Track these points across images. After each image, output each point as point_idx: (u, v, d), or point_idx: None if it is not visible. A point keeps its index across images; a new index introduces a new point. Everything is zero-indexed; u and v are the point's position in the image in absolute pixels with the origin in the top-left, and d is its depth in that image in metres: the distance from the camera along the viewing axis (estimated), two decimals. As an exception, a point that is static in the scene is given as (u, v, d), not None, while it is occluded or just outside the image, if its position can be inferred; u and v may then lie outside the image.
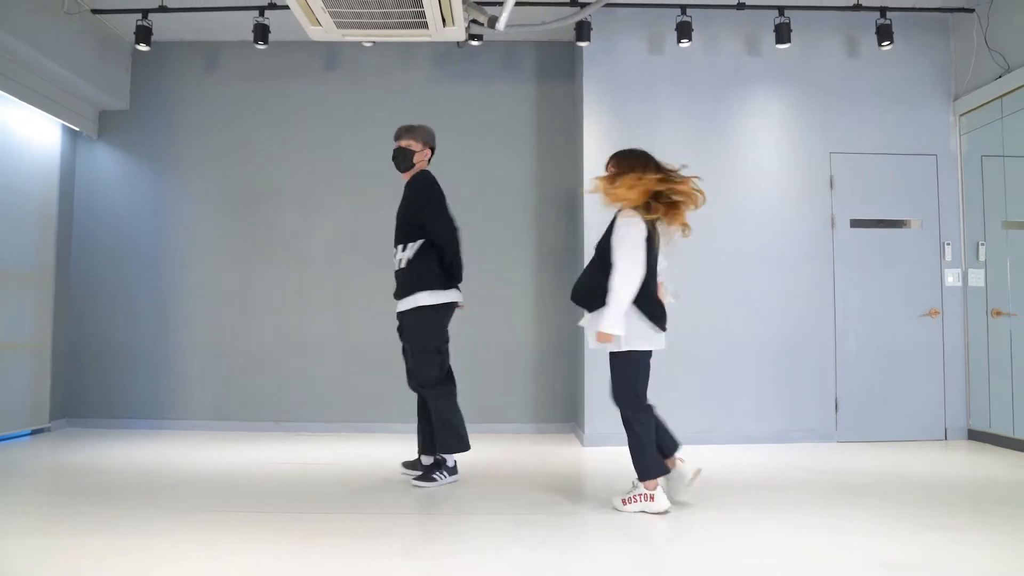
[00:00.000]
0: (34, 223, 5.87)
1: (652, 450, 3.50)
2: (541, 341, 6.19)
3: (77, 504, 3.63)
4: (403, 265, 4.08)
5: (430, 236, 4.01)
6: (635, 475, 3.55)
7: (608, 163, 3.67)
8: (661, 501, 3.45)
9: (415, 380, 4.14)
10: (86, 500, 3.70)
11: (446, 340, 4.16)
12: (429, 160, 4.26)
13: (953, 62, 5.89)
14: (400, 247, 4.12)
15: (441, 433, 4.06)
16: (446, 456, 4.14)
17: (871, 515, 3.43)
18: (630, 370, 3.53)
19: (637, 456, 3.51)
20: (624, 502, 3.51)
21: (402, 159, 4.19)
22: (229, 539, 3.03)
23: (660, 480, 3.51)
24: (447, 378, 4.15)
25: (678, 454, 3.70)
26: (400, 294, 4.12)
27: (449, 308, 4.12)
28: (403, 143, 4.19)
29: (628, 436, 3.53)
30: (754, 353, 5.64)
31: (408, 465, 4.34)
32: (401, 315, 4.13)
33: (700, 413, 5.56)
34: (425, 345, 4.06)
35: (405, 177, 4.24)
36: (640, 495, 3.48)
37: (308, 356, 6.22)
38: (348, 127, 6.38)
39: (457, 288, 4.14)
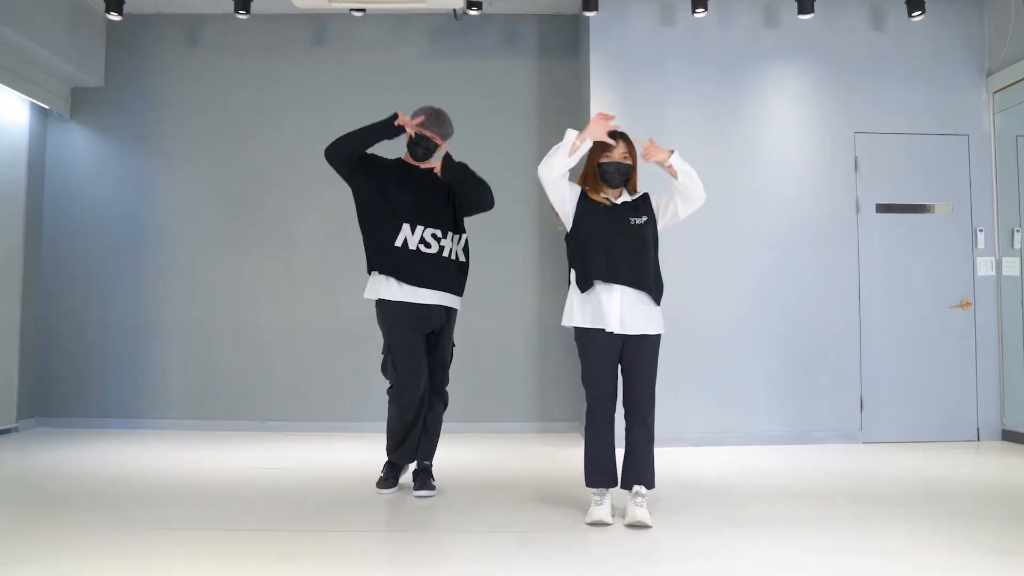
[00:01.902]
0: (0, 208, 5.46)
1: None
2: (544, 334, 5.81)
3: (36, 519, 3.25)
4: (457, 258, 3.68)
5: (490, 195, 3.75)
6: (648, 482, 3.19)
7: (629, 145, 3.28)
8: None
9: (444, 390, 3.77)
10: (46, 514, 3.31)
11: None
12: None
13: (987, 35, 5.48)
14: (451, 235, 3.66)
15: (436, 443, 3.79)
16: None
17: (912, 532, 3.04)
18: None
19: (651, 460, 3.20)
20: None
21: (423, 151, 3.71)
22: (199, 560, 2.65)
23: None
24: None
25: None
26: (455, 288, 3.68)
27: None
28: (430, 135, 3.69)
29: (649, 438, 3.18)
30: (773, 347, 5.26)
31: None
32: (446, 310, 3.67)
33: (715, 412, 5.19)
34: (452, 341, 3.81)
35: (419, 164, 3.76)
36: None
37: (296, 350, 5.83)
38: (337, 105, 5.97)
39: None
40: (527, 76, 6.04)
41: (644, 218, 3.23)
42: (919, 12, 5.15)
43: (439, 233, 3.60)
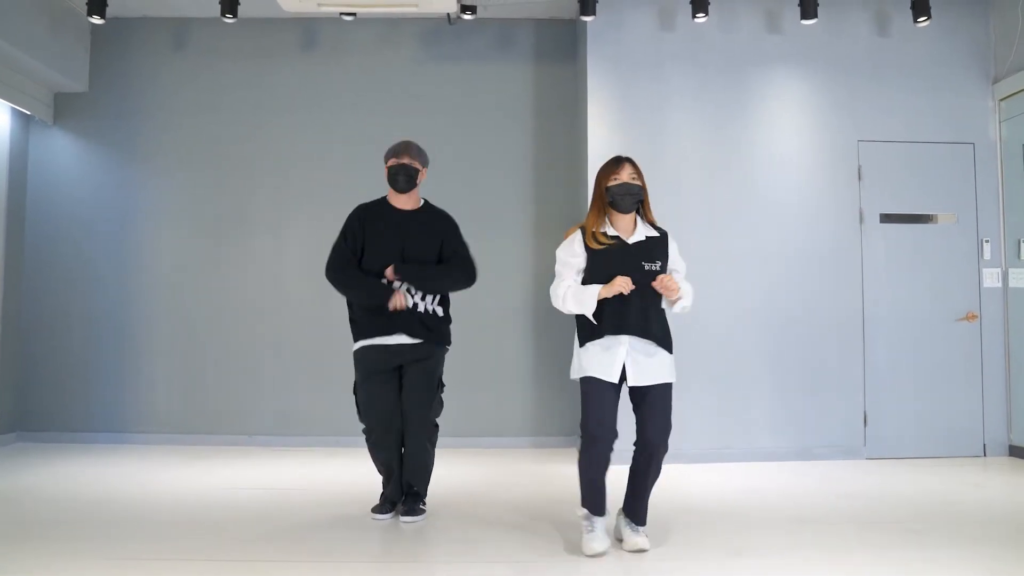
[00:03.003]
0: (-20, 217, 5.31)
1: None
2: (539, 348, 5.67)
3: (12, 545, 3.08)
4: (429, 311, 3.56)
5: (465, 277, 3.64)
6: (642, 521, 3.08)
7: (636, 168, 3.12)
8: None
9: (425, 420, 3.57)
10: (24, 539, 3.15)
11: None
12: None
13: (993, 42, 5.37)
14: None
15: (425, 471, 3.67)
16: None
17: (928, 557, 2.92)
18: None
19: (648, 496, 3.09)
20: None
21: (407, 181, 3.56)
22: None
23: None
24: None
25: None
26: (425, 336, 3.54)
27: None
28: (414, 163, 3.57)
29: (656, 472, 3.05)
30: (775, 361, 5.12)
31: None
32: (412, 347, 3.54)
33: (715, 428, 5.05)
34: (439, 383, 3.66)
35: (403, 201, 3.63)
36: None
37: (285, 364, 5.67)
38: (328, 111, 5.82)
39: None
40: (523, 81, 5.90)
41: (658, 263, 3.03)
42: (925, 18, 5.03)
43: (412, 288, 3.53)
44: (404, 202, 3.62)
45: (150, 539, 3.24)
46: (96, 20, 5.04)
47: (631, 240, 3.04)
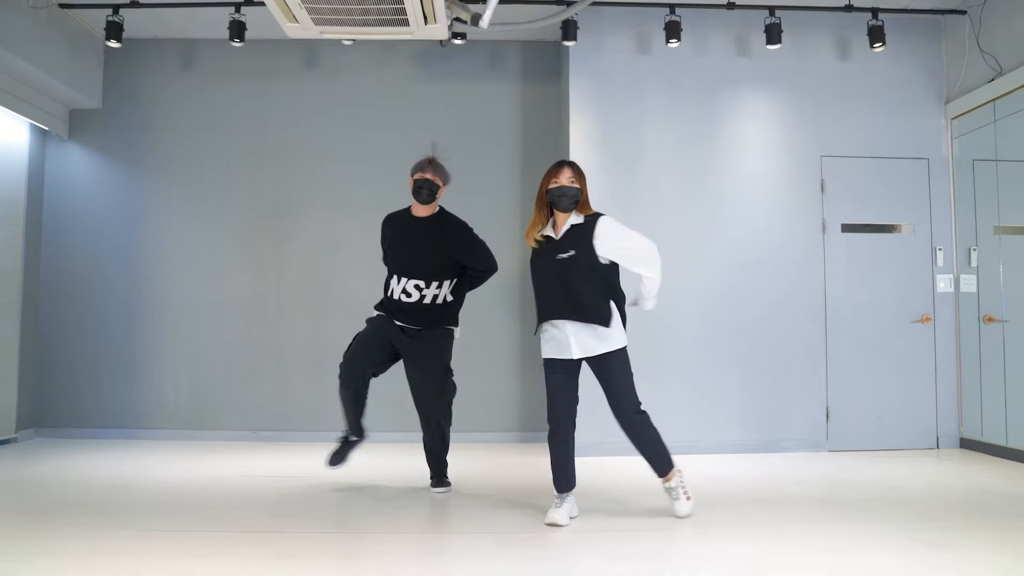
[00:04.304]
0: (1, 226, 5.65)
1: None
2: (524, 346, 6.05)
3: (39, 524, 3.44)
4: (439, 301, 4.07)
5: (483, 274, 4.19)
6: (661, 472, 3.53)
7: (575, 171, 3.54)
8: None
9: (435, 403, 4.10)
10: (48, 519, 3.51)
11: None
12: None
13: (945, 65, 5.80)
14: (434, 283, 4.05)
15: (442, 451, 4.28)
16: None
17: (866, 530, 3.31)
18: (630, 365, 3.47)
19: (659, 449, 3.51)
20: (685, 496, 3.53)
21: (427, 194, 4.05)
22: (200, 560, 2.87)
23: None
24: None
25: None
26: (429, 325, 4.08)
27: None
28: (435, 178, 4.09)
29: (643, 434, 3.46)
30: (743, 361, 5.52)
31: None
32: (425, 339, 4.07)
33: (687, 422, 5.43)
34: (447, 368, 4.18)
35: (422, 210, 4.11)
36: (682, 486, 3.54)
37: (285, 363, 6.05)
38: (327, 127, 6.21)
39: None
40: (511, 98, 6.29)
41: (570, 252, 3.43)
42: (880, 44, 5.45)
43: (422, 284, 4.03)
44: (423, 211, 4.12)
45: (169, 515, 3.59)
46: (113, 44, 5.41)
47: (559, 236, 3.49)
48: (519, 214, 6.16)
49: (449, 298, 4.10)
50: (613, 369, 3.42)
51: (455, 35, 5.60)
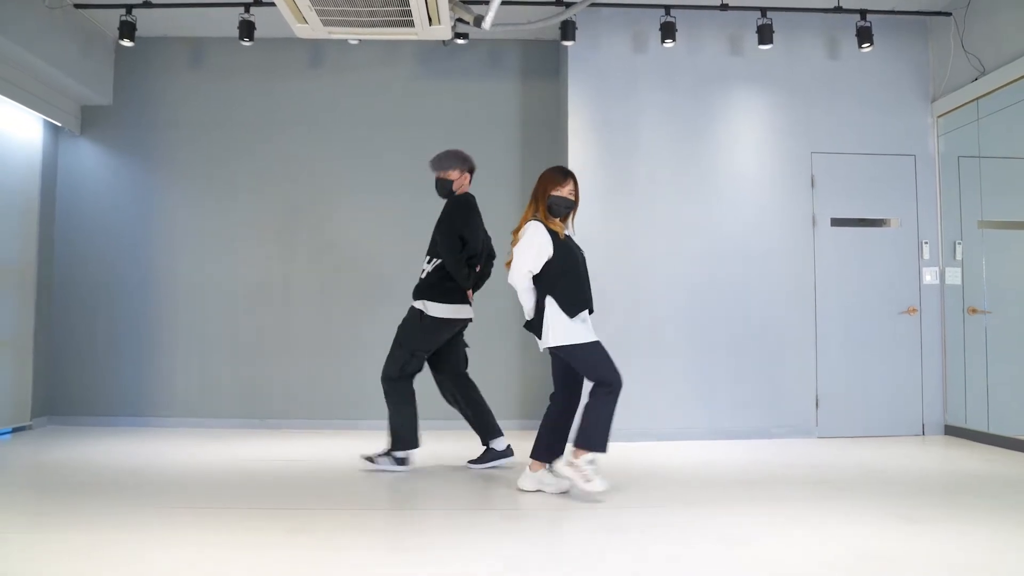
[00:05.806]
0: (16, 219, 5.82)
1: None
2: (525, 335, 6.21)
3: (61, 501, 3.62)
4: (422, 276, 4.41)
5: (445, 255, 4.34)
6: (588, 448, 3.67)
7: (577, 185, 3.89)
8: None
9: (383, 373, 4.38)
10: (70, 497, 3.69)
11: (426, 350, 4.38)
12: (470, 180, 4.52)
13: (931, 64, 5.99)
14: (427, 259, 4.44)
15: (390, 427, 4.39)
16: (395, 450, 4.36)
17: (848, 508, 3.49)
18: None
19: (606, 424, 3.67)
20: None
21: (441, 189, 4.46)
22: (216, 533, 3.05)
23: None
24: (401, 380, 4.35)
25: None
26: (414, 296, 4.41)
27: (449, 323, 4.37)
28: (439, 174, 4.43)
29: (600, 405, 3.67)
30: (736, 351, 5.71)
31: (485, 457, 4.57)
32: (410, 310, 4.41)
33: (681, 410, 5.62)
34: (403, 342, 4.35)
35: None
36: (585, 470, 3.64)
37: (292, 353, 6.23)
38: (332, 123, 6.39)
39: (467, 304, 4.44)
40: (511, 96, 6.46)
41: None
42: (868, 44, 5.63)
43: (425, 259, 4.47)
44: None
45: (185, 494, 3.78)
46: (126, 43, 5.58)
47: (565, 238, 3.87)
48: (520, 207, 6.31)
49: (431, 276, 4.37)
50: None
51: (458, 35, 5.78)
